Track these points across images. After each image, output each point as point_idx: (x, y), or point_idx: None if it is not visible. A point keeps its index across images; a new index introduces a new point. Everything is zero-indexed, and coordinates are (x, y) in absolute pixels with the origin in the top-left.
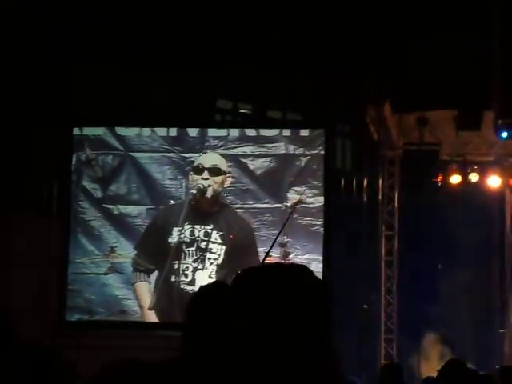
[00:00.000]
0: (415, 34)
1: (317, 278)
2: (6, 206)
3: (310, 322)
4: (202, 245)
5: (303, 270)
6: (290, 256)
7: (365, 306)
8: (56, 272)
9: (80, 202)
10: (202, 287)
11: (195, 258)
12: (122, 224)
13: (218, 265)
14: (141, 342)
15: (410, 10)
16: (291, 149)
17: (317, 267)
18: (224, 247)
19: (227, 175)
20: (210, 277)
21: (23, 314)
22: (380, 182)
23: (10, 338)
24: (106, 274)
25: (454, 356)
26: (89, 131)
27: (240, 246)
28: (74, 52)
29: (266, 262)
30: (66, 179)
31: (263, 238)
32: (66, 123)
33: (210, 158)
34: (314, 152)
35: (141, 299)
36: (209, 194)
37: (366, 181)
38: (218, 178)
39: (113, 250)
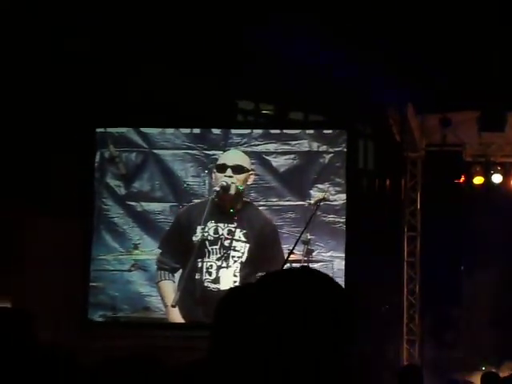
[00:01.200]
0: (438, 36)
1: (341, 287)
2: (29, 205)
3: (327, 332)
4: (226, 243)
5: (327, 278)
6: (313, 253)
7: (386, 307)
8: (80, 269)
9: (103, 199)
10: (232, 288)
11: (219, 256)
12: (145, 221)
13: (241, 262)
14: (165, 341)
15: (433, 11)
16: (314, 146)
17: (340, 265)
18: (248, 245)
19: (250, 172)
20: (234, 275)
21: (47, 313)
22: (402, 183)
23: (30, 340)
24: (129, 270)
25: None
26: (112, 129)
27: (263, 243)
28: (96, 52)
29: (289, 259)
30: (90, 177)
31: (286, 235)
32: (89, 123)
33: (233, 156)
34: (337, 149)
35: (165, 298)
36: (232, 191)
37: (388, 182)
38: (242, 176)
39: (136, 246)
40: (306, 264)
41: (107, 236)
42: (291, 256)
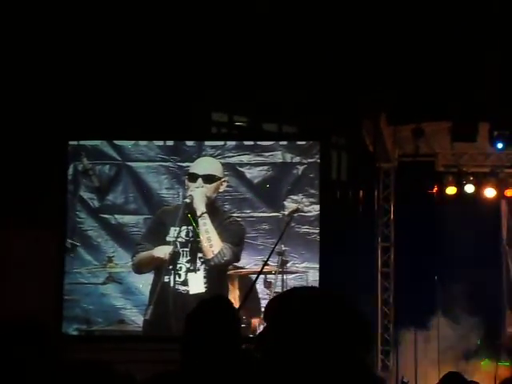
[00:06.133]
0: (410, 46)
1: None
2: (2, 218)
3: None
4: (195, 245)
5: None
6: (288, 265)
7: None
8: (53, 283)
9: (77, 212)
10: (201, 301)
11: (189, 258)
12: (119, 234)
13: (209, 264)
14: (141, 354)
15: (405, 22)
16: (288, 157)
17: (314, 276)
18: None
19: (222, 180)
20: (203, 277)
21: None
22: (376, 193)
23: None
24: (103, 283)
25: None
26: (85, 141)
27: (230, 246)
28: (68, 65)
29: (263, 271)
30: (62, 190)
31: (261, 246)
32: (62, 136)
33: (204, 165)
34: (310, 160)
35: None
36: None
37: (361, 193)
38: (213, 185)
39: (110, 259)
40: (280, 276)
41: (81, 249)
42: (266, 267)
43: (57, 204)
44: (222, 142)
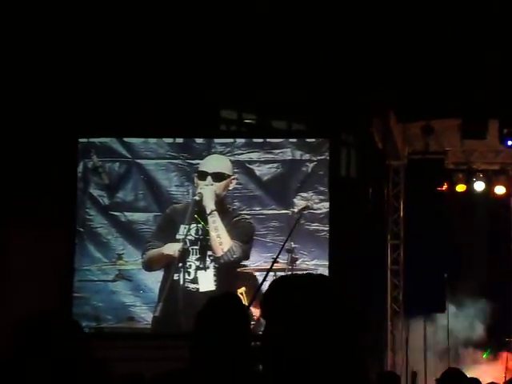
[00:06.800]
0: (419, 43)
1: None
2: (12, 216)
3: (339, 336)
4: (204, 243)
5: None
6: (297, 262)
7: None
8: (63, 280)
9: (87, 210)
10: (211, 298)
11: (198, 256)
12: (129, 231)
13: (218, 262)
14: (149, 351)
15: (414, 19)
16: (298, 154)
17: (324, 273)
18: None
19: (232, 178)
20: (213, 275)
21: None
22: (385, 191)
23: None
24: (113, 281)
25: None
26: (95, 138)
27: (239, 244)
28: (78, 63)
29: (273, 268)
30: (71, 187)
31: (270, 244)
32: (71, 133)
33: (213, 163)
34: (320, 158)
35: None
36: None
37: (371, 190)
38: (222, 184)
39: (120, 257)
40: (290, 273)
41: (91, 246)
42: (275, 265)
43: (67, 201)
44: (231, 140)
